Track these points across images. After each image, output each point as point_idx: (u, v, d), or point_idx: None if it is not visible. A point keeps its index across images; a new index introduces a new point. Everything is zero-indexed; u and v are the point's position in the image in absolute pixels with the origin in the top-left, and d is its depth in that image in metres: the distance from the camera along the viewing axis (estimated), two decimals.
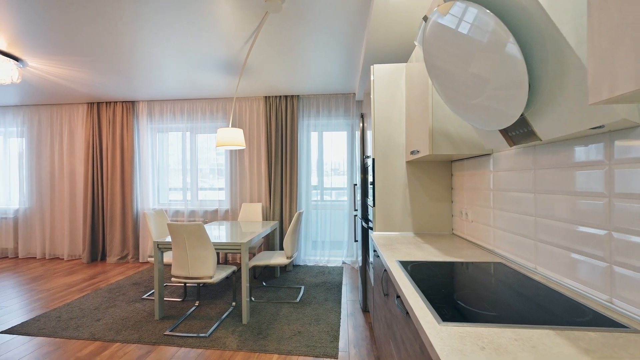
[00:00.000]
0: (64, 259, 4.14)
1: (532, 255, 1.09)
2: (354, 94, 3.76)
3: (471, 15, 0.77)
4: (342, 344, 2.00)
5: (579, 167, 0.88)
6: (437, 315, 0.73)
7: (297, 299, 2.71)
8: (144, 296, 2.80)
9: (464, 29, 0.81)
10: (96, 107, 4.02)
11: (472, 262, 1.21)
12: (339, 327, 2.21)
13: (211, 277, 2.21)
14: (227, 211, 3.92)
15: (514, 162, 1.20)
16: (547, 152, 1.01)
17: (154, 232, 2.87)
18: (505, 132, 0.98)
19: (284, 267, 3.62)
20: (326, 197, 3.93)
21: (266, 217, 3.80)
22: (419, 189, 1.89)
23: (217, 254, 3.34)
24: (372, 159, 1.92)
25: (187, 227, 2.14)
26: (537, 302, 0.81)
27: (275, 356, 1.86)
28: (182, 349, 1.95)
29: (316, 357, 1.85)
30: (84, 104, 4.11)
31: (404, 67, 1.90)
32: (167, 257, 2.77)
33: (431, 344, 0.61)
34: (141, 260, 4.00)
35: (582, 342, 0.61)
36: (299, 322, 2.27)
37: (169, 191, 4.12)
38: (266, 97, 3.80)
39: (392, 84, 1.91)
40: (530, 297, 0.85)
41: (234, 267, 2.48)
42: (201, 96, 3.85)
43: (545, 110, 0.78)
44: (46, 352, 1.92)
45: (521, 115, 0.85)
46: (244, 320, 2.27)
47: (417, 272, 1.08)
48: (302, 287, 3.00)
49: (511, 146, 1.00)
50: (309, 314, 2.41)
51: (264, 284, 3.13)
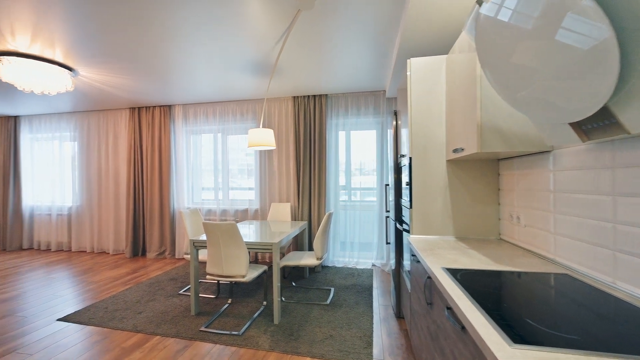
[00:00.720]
0: (109, 253, 4.47)
1: (609, 267, 0.94)
2: (384, 91, 3.64)
3: None
4: (376, 351, 1.92)
5: None
6: (505, 335, 0.64)
7: (328, 301, 2.66)
8: (181, 291, 2.92)
9: (534, 10, 0.70)
10: (137, 112, 4.29)
11: (531, 273, 1.08)
12: (372, 333, 2.13)
13: (244, 277, 2.24)
14: (256, 210, 3.99)
15: (584, 160, 1.05)
16: (631, 147, 0.87)
17: (190, 230, 2.98)
18: (577, 125, 0.85)
19: (312, 268, 3.60)
20: (354, 197, 3.85)
21: (295, 217, 3.81)
22: (461, 189, 1.75)
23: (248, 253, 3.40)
24: (409, 158, 1.82)
25: (221, 227, 2.19)
26: (623, 325, 0.69)
27: (307, 359, 1.83)
28: (217, 345, 1.98)
29: None
30: (126, 109, 4.41)
31: (444, 60, 1.77)
32: (202, 254, 2.86)
33: None
34: (177, 256, 4.20)
35: None
36: (331, 325, 2.23)
37: (202, 191, 4.29)
38: (295, 97, 3.80)
39: (430, 78, 1.79)
40: (613, 318, 0.72)
41: (265, 267, 2.50)
42: (232, 98, 3.95)
43: (636, 98, 0.65)
44: (95, 341, 2.05)
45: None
46: (276, 320, 2.27)
47: (469, 281, 0.98)
48: (332, 289, 2.95)
49: (584, 141, 0.87)
50: (340, 317, 2.35)
51: (294, 284, 3.12)
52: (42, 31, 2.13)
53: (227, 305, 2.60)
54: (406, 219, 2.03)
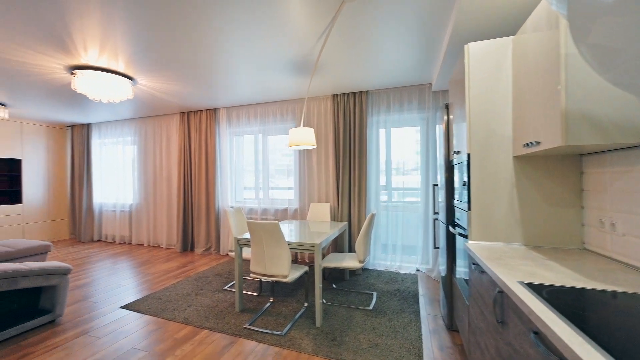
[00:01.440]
0: (163, 247, 4.85)
1: None
2: (430, 84, 3.39)
3: None
4: None
5: None
6: None
7: (370, 306, 2.54)
8: (225, 287, 3.02)
9: None
10: (186, 116, 4.59)
11: None
12: (421, 345, 1.96)
13: (286, 277, 2.23)
14: (295, 210, 4.00)
15: None
16: None
17: (234, 228, 3.08)
18: None
19: (353, 270, 3.50)
20: (394, 198, 3.66)
21: (334, 218, 3.74)
22: (532, 190, 1.52)
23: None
24: (467, 155, 1.63)
25: (265, 226, 2.20)
26: None
27: None
28: (261, 344, 1.99)
29: None
30: (177, 113, 4.74)
31: (510, 42, 1.55)
32: (245, 252, 2.93)
33: None
34: (222, 252, 4.40)
35: None
36: (375, 333, 2.11)
37: (244, 190, 4.44)
38: (334, 95, 3.73)
39: (492, 65, 1.59)
40: None
41: (306, 268, 2.46)
42: (272, 99, 4.01)
43: None
44: (151, 330, 2.20)
45: None
46: (317, 322, 2.22)
47: (561, 301, 0.81)
48: (375, 294, 2.82)
49: None
50: (385, 325, 2.22)
51: (334, 286, 3.05)
52: (108, 44, 2.35)
53: (269, 304, 2.62)
54: (461, 222, 1.84)
